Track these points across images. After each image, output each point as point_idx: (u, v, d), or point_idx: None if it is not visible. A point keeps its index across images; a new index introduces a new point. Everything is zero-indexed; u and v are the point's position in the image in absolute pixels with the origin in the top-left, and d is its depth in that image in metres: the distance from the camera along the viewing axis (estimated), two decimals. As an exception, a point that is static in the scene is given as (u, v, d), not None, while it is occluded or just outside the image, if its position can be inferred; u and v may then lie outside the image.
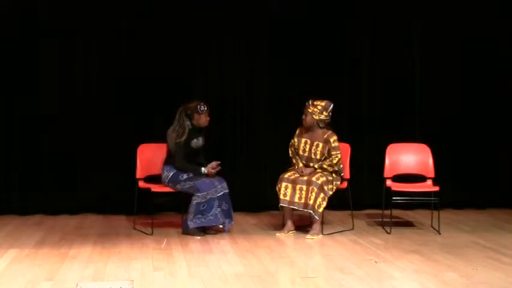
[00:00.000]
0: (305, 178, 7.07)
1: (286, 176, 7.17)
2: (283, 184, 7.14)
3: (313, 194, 6.97)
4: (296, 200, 7.08)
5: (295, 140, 7.32)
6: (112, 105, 8.25)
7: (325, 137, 7.16)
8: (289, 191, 7.11)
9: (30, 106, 8.17)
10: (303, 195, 7.03)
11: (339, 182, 7.22)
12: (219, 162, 7.14)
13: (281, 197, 7.13)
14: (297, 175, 7.13)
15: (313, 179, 7.02)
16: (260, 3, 8.43)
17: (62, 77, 8.22)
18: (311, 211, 7.00)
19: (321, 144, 7.16)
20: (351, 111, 8.56)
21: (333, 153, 7.12)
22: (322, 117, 7.17)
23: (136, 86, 8.27)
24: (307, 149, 7.23)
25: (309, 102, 7.20)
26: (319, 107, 7.16)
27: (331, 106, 7.20)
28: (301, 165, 7.25)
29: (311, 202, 6.98)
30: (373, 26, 8.58)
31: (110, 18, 8.23)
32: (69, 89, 8.23)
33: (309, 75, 8.46)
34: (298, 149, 7.27)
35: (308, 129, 7.25)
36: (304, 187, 7.03)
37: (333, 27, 8.53)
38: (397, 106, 8.66)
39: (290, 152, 7.38)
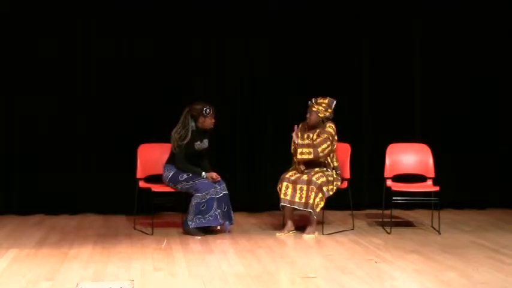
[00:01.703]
0: (305, 178, 7.06)
1: (287, 176, 7.17)
2: (284, 184, 7.14)
3: (313, 193, 6.97)
4: (297, 199, 7.08)
5: (298, 135, 7.29)
6: (112, 105, 8.25)
7: (323, 127, 7.17)
8: (289, 190, 7.11)
9: (30, 106, 8.17)
10: (304, 195, 7.04)
11: (339, 183, 7.22)
12: (219, 178, 7.14)
13: (282, 196, 7.13)
14: (298, 175, 7.13)
15: (314, 178, 7.02)
16: (260, 3, 8.43)
17: (62, 77, 8.22)
18: (311, 210, 7.00)
19: (318, 132, 7.16)
20: (351, 111, 8.56)
21: (321, 134, 7.10)
22: (328, 114, 7.18)
23: (137, 86, 8.27)
24: (306, 143, 7.20)
25: (312, 101, 7.20)
26: (324, 105, 7.17)
27: (334, 102, 7.21)
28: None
29: (311, 201, 6.98)
30: (374, 26, 8.58)
31: (110, 18, 8.23)
32: (69, 89, 8.23)
33: (309, 75, 8.46)
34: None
35: (312, 127, 7.24)
36: (305, 187, 7.03)
37: (333, 27, 8.53)
38: (397, 106, 8.66)
39: (292, 147, 7.36)
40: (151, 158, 7.46)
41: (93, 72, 8.25)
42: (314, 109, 7.19)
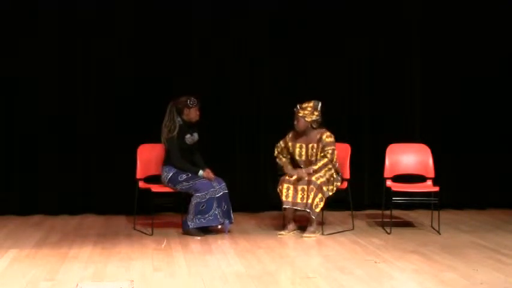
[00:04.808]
0: (306, 178, 7.06)
1: (287, 177, 7.17)
2: (285, 186, 7.13)
3: (312, 193, 6.97)
4: (298, 200, 7.07)
5: (290, 144, 7.29)
6: (112, 105, 8.25)
7: (318, 136, 7.15)
8: (291, 192, 7.10)
9: (30, 106, 8.18)
10: (305, 195, 7.03)
11: (339, 183, 7.22)
12: (213, 176, 7.13)
13: (283, 198, 7.11)
14: (298, 179, 7.11)
15: (313, 178, 7.01)
16: (260, 3, 8.43)
17: (62, 77, 8.23)
18: (309, 210, 7.00)
19: (316, 145, 7.15)
20: (351, 111, 8.57)
21: (326, 148, 7.10)
22: (314, 117, 7.15)
23: (137, 86, 8.28)
24: (303, 153, 7.22)
25: (297, 108, 7.17)
26: (309, 109, 7.14)
27: (320, 104, 7.17)
28: (289, 167, 7.24)
29: (310, 201, 6.98)
30: (374, 26, 8.57)
31: (110, 18, 8.24)
32: (69, 89, 8.24)
33: (309, 74, 8.46)
34: (293, 153, 7.26)
35: (302, 133, 7.23)
36: (306, 187, 7.03)
37: (333, 26, 8.53)
38: (397, 106, 8.65)
39: (276, 151, 7.35)
40: (151, 158, 7.46)
41: (93, 72, 8.26)
42: (300, 115, 7.15)
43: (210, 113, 8.08)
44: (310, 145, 7.19)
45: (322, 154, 7.13)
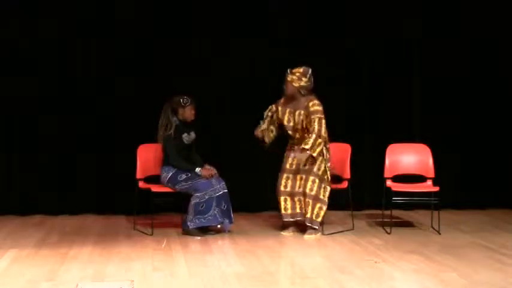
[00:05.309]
0: (301, 190, 7.05)
1: (282, 188, 7.15)
2: (282, 198, 7.13)
3: (309, 206, 6.96)
4: (297, 210, 7.10)
5: (279, 109, 7.23)
6: (112, 105, 8.25)
7: (305, 104, 7.11)
8: (289, 203, 7.12)
9: (30, 106, 8.18)
10: (303, 205, 7.05)
11: (329, 163, 7.13)
12: (214, 171, 7.15)
13: (283, 211, 7.13)
14: (293, 188, 7.09)
15: (307, 190, 6.98)
16: (260, 3, 8.43)
17: (62, 77, 8.23)
18: (309, 224, 7.01)
19: (303, 112, 7.10)
20: (350, 111, 8.56)
21: (312, 116, 7.02)
22: (302, 83, 7.09)
23: (137, 86, 8.28)
24: (291, 119, 7.17)
25: (287, 72, 7.14)
26: (298, 74, 7.09)
27: (310, 71, 7.12)
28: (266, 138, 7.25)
29: (308, 215, 6.98)
30: (373, 25, 8.57)
31: (110, 18, 8.24)
32: (69, 89, 8.24)
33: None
34: (282, 119, 7.21)
35: (292, 99, 7.16)
36: (302, 198, 7.04)
37: (333, 26, 8.53)
38: (398, 106, 8.65)
39: (266, 114, 7.28)
40: (151, 158, 7.46)
41: (93, 72, 8.26)
42: (288, 79, 7.10)
43: (210, 113, 8.09)
44: (297, 112, 7.12)
45: (311, 128, 6.97)
